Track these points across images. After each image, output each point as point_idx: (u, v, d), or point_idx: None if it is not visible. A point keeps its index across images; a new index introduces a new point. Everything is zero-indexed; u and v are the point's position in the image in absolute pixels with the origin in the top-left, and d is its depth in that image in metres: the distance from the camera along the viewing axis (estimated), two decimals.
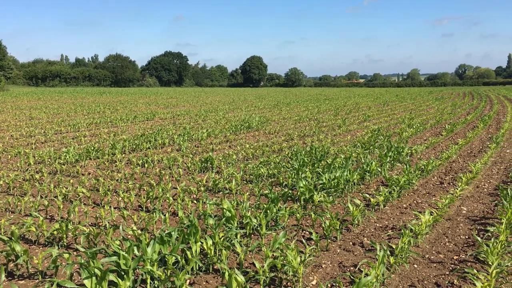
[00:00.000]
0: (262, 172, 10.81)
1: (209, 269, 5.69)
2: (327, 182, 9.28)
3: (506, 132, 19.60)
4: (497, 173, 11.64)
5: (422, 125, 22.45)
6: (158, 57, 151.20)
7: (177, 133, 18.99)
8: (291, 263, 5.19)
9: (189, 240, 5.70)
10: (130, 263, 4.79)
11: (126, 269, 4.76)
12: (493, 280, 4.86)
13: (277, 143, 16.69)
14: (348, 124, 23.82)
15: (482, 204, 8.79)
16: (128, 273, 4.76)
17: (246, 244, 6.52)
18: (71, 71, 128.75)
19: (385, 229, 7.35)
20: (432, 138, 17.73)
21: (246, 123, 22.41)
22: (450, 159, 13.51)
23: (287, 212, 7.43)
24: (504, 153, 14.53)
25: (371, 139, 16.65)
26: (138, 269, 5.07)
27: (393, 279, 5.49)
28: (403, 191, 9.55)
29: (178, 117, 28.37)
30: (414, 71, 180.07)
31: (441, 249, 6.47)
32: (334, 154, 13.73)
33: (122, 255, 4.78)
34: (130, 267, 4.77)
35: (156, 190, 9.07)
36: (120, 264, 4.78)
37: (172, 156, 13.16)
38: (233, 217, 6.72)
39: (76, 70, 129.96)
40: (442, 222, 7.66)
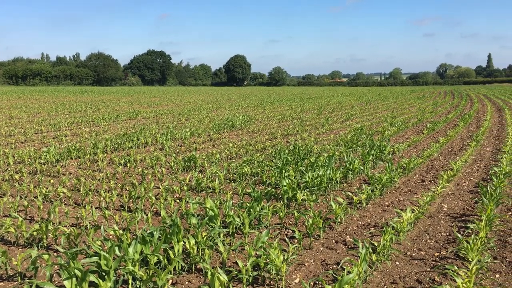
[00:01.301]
0: (245, 171, 10.79)
1: (192, 268, 5.66)
2: (310, 180, 9.31)
3: (486, 131, 19.92)
4: (477, 170, 11.81)
5: (404, 123, 22.69)
6: (141, 56, 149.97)
7: (160, 132, 18.86)
8: (274, 262, 5.19)
9: (172, 240, 5.66)
10: (111, 263, 4.73)
11: (107, 269, 4.71)
12: (473, 276, 4.92)
13: (261, 142, 16.70)
14: (331, 123, 23.94)
15: (463, 202, 8.91)
16: (109, 273, 4.71)
17: (229, 243, 6.51)
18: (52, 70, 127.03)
19: (367, 227, 7.40)
20: (414, 137, 17.93)
21: (229, 122, 22.37)
22: (432, 157, 13.67)
23: (270, 210, 7.43)
24: (484, 151, 14.75)
25: (354, 137, 16.76)
26: (120, 270, 5.02)
27: (375, 277, 5.53)
28: (385, 189, 9.63)
29: (161, 116, 28.19)
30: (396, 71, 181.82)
31: (422, 246, 6.54)
32: (317, 153, 13.78)
33: (103, 256, 4.72)
34: (111, 267, 4.72)
35: (139, 190, 8.99)
36: (101, 264, 4.72)
37: (155, 156, 13.06)
38: (216, 216, 6.69)
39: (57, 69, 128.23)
40: (424, 219, 7.74)
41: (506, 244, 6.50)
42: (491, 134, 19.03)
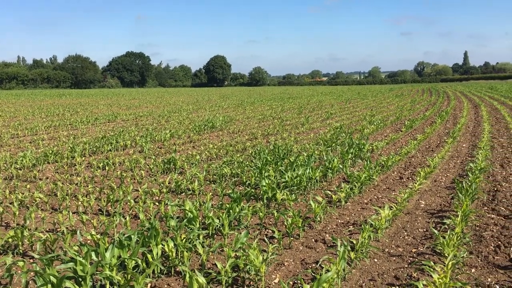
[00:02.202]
0: (225, 172, 10.77)
1: (171, 271, 5.63)
2: (289, 180, 9.34)
3: (463, 127, 20.27)
4: (454, 167, 12.00)
5: (382, 121, 22.93)
6: (120, 58, 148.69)
7: (140, 135, 18.70)
8: (253, 262, 5.19)
9: (150, 243, 5.62)
10: (87, 268, 4.67)
11: (84, 275, 4.65)
12: (449, 271, 5.00)
13: (241, 142, 16.69)
14: (311, 122, 24.06)
15: (440, 198, 9.05)
16: (86, 279, 4.65)
17: (209, 244, 6.49)
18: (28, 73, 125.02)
19: (346, 225, 7.46)
20: (392, 134, 18.14)
21: (210, 123, 22.30)
22: (409, 154, 13.85)
23: (250, 211, 7.43)
24: (460, 148, 15.01)
25: (333, 136, 16.87)
26: (97, 275, 4.95)
27: (354, 274, 5.57)
28: (364, 187, 9.72)
29: (140, 118, 27.96)
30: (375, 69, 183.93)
31: (400, 243, 6.61)
32: (297, 152, 13.83)
33: (79, 261, 4.66)
34: (87, 273, 4.66)
35: (117, 193, 8.89)
36: (77, 270, 4.66)
37: (134, 158, 12.94)
38: (195, 218, 6.66)
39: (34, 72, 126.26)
40: (401, 216, 7.84)
41: (482, 239, 6.62)
42: (468, 131, 19.37)
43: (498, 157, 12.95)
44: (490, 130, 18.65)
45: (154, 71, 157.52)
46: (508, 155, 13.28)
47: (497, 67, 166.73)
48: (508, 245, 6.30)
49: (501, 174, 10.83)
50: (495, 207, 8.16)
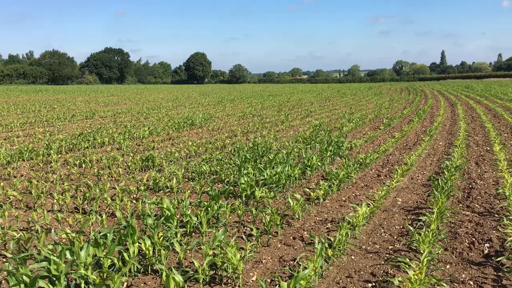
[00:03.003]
0: (204, 170, 10.72)
1: (147, 270, 5.57)
2: (268, 177, 9.35)
3: (439, 125, 20.59)
4: (430, 164, 12.18)
5: (361, 119, 23.13)
6: (98, 54, 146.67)
7: (118, 132, 18.47)
8: (230, 260, 5.17)
9: (127, 241, 5.55)
10: (61, 268, 4.59)
11: (58, 274, 4.56)
12: (424, 267, 5.07)
13: (220, 139, 16.64)
14: (291, 120, 24.14)
15: (416, 195, 9.17)
16: (60, 278, 4.56)
17: (187, 243, 6.43)
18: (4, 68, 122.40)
19: (324, 222, 7.50)
20: (371, 132, 18.31)
21: (189, 120, 22.18)
22: (387, 152, 14.00)
23: (228, 209, 7.41)
24: (437, 145, 15.24)
25: (312, 134, 16.95)
26: (72, 274, 4.87)
27: (331, 271, 5.60)
28: (342, 184, 9.79)
29: (119, 115, 27.63)
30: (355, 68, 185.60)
31: (377, 240, 6.68)
32: (276, 150, 13.86)
33: (53, 260, 4.58)
34: (62, 272, 4.57)
35: (94, 191, 8.76)
36: (51, 269, 4.57)
37: (112, 156, 12.78)
38: (172, 216, 6.61)
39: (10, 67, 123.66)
40: (379, 213, 7.92)
41: (456, 235, 6.73)
42: (444, 129, 19.69)
43: (474, 155, 13.19)
44: (466, 129, 18.98)
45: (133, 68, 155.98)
46: (483, 153, 13.54)
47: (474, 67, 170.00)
48: (482, 242, 6.42)
49: (476, 171, 11.03)
50: (470, 204, 8.31)
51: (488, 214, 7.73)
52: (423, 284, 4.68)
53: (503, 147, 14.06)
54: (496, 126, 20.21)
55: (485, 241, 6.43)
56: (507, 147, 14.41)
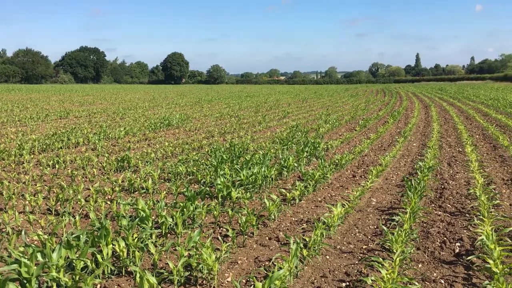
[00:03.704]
0: (180, 170, 10.67)
1: (121, 271, 5.51)
2: (245, 178, 9.36)
3: (414, 127, 20.94)
4: (404, 165, 12.38)
5: (338, 120, 23.35)
6: (73, 53, 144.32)
7: (93, 132, 18.22)
8: (206, 261, 5.16)
9: (100, 243, 5.48)
10: (32, 270, 4.50)
11: (29, 277, 4.48)
12: (396, 267, 5.15)
13: (197, 140, 16.58)
14: (268, 121, 24.20)
15: (390, 195, 9.30)
16: (31, 281, 4.48)
17: (162, 244, 6.39)
18: None
19: (300, 223, 7.55)
20: (347, 133, 18.50)
21: (166, 120, 22.02)
22: (363, 153, 14.17)
23: (204, 209, 7.39)
24: (411, 147, 15.50)
25: (289, 135, 17.03)
26: (43, 277, 4.78)
27: (306, 271, 5.65)
28: (318, 185, 9.86)
29: (94, 115, 27.25)
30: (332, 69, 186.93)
31: (351, 240, 6.76)
32: (253, 151, 13.88)
33: (24, 262, 4.49)
34: (32, 274, 4.49)
35: (67, 192, 8.62)
36: (21, 272, 4.48)
37: (86, 156, 12.60)
38: (147, 217, 6.55)
39: None
40: (353, 213, 8.01)
41: (428, 235, 6.85)
42: (418, 130, 20.03)
43: (446, 156, 13.46)
44: (439, 130, 19.35)
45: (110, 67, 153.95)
46: (456, 154, 13.83)
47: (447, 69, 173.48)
48: (453, 241, 6.56)
49: (448, 172, 11.26)
50: (442, 204, 8.48)
51: (460, 214, 7.90)
52: (396, 283, 4.76)
53: (474, 148, 14.38)
54: (468, 127, 20.66)
55: (456, 241, 6.57)
56: (478, 148, 14.76)
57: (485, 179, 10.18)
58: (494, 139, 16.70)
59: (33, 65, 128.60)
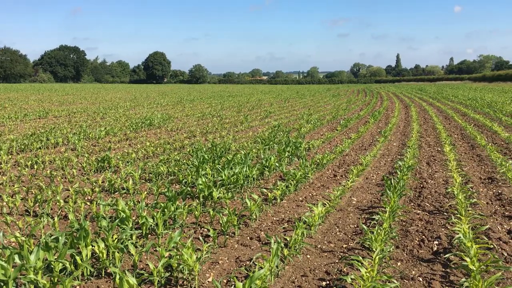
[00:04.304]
0: (162, 170, 10.61)
1: (101, 273, 5.46)
2: (226, 178, 9.36)
3: (394, 127, 21.19)
4: (385, 164, 12.52)
5: (319, 120, 23.49)
6: (53, 51, 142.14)
7: (73, 132, 17.99)
8: (186, 262, 5.15)
9: (79, 244, 5.42)
10: (10, 272, 4.44)
11: (5, 279, 4.41)
12: (376, 265, 5.21)
13: (179, 140, 16.50)
14: (250, 121, 24.22)
15: (370, 194, 9.40)
16: (8, 283, 4.41)
17: (143, 245, 6.35)
18: None
19: (281, 222, 7.58)
20: (328, 133, 18.63)
21: (147, 120, 21.86)
22: (344, 153, 14.29)
23: (185, 210, 7.36)
24: (391, 146, 15.68)
25: (271, 135, 17.07)
26: (21, 279, 4.72)
27: (287, 271, 5.67)
28: (299, 184, 9.91)
29: (74, 115, 26.90)
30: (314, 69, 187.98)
31: (332, 239, 6.81)
32: (235, 151, 13.87)
33: (1, 265, 4.42)
34: (10, 277, 4.42)
35: (46, 193, 8.50)
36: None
37: (66, 156, 12.44)
38: (128, 218, 6.50)
39: None
40: (334, 213, 8.07)
41: (407, 233, 6.95)
42: (398, 130, 20.28)
43: (425, 156, 13.65)
44: (418, 130, 19.62)
45: (90, 66, 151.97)
46: (434, 153, 14.04)
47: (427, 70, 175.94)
48: (431, 239, 6.66)
49: (427, 171, 11.42)
50: (421, 203, 8.60)
51: (438, 213, 8.03)
52: (375, 281, 4.81)
53: (453, 147, 14.62)
54: (447, 127, 20.99)
55: (434, 239, 6.67)
56: (456, 147, 15.00)
57: (463, 178, 10.37)
58: (472, 138, 17.00)
59: (11, 64, 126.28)
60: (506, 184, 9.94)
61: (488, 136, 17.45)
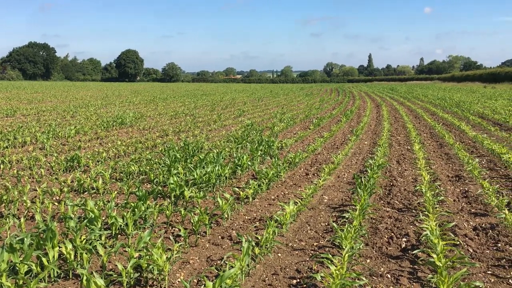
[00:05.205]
0: (133, 170, 10.48)
1: (68, 275, 5.36)
2: (198, 177, 9.30)
3: (365, 126, 21.48)
4: (356, 163, 12.68)
5: (292, 119, 23.61)
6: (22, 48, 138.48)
7: (41, 131, 17.59)
8: (156, 262, 5.10)
9: (46, 246, 5.30)
10: None
11: None
12: (345, 263, 5.27)
13: (151, 139, 16.33)
14: (223, 119, 24.16)
15: (342, 193, 9.51)
16: None
17: (112, 245, 6.26)
18: None
19: (253, 221, 7.59)
20: (301, 132, 18.74)
21: (119, 119, 21.55)
22: (316, 151, 14.40)
23: (156, 209, 7.29)
24: (362, 145, 15.89)
25: (244, 133, 17.06)
26: None
27: (258, 269, 5.68)
28: (272, 183, 9.94)
29: (43, 113, 26.31)
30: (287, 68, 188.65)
31: (303, 237, 6.85)
32: (207, 149, 13.82)
33: None
34: None
35: (12, 193, 8.27)
36: None
37: (34, 156, 12.15)
38: (96, 218, 6.39)
39: None
40: (306, 211, 8.13)
41: (377, 231, 7.06)
42: (370, 129, 20.57)
43: (395, 154, 13.89)
44: (389, 129, 19.94)
45: (60, 64, 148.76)
46: (404, 152, 14.30)
47: (398, 70, 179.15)
48: (400, 236, 6.78)
49: (397, 169, 11.62)
50: (390, 201, 8.74)
51: (407, 210, 8.18)
52: (344, 278, 4.87)
53: (422, 146, 14.92)
54: (416, 126, 21.40)
55: (403, 236, 6.79)
56: (426, 146, 15.32)
57: (431, 176, 10.59)
58: (440, 137, 17.38)
59: None
60: (473, 181, 10.20)
61: (456, 135, 17.88)
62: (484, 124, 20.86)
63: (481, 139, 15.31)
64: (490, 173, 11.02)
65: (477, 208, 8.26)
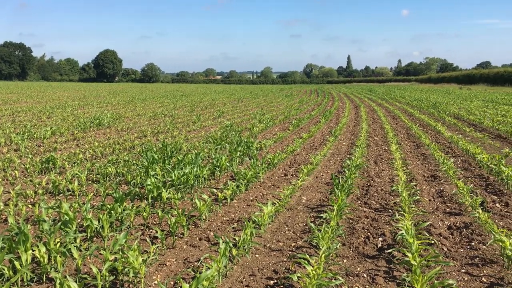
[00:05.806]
0: (110, 171, 10.36)
1: (42, 278, 5.26)
2: (176, 178, 9.24)
3: (344, 126, 21.66)
4: (334, 163, 12.77)
5: (272, 120, 23.65)
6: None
7: (16, 132, 17.25)
8: (132, 264, 5.04)
9: (18, 249, 5.20)
10: None
11: None
12: (322, 263, 5.30)
13: (129, 140, 16.17)
14: (203, 120, 24.07)
15: (320, 193, 9.56)
16: None
17: (87, 248, 6.17)
18: None
19: (231, 222, 7.57)
20: (280, 133, 18.78)
21: (96, 120, 21.27)
22: (295, 152, 14.46)
23: (133, 211, 7.21)
24: (341, 146, 16.01)
25: (223, 134, 17.03)
26: None
27: (235, 270, 5.67)
28: (250, 184, 9.94)
29: (18, 114, 25.81)
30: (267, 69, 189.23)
31: (281, 238, 6.87)
32: (186, 151, 13.74)
33: None
34: None
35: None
36: None
37: (8, 157, 11.91)
38: (71, 220, 6.29)
39: None
40: (284, 212, 8.15)
41: (354, 231, 7.12)
42: (348, 130, 20.74)
43: (373, 155, 14.04)
44: (367, 130, 20.14)
45: (37, 64, 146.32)
46: (382, 152, 14.46)
47: (376, 71, 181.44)
48: (376, 236, 6.85)
49: (374, 170, 11.75)
50: (367, 201, 8.83)
51: (383, 210, 8.27)
52: (320, 278, 4.89)
53: (399, 147, 15.11)
54: (394, 127, 21.68)
55: (379, 235, 6.87)
56: (402, 146, 15.52)
57: (408, 176, 10.73)
58: (417, 138, 17.64)
59: None
60: (448, 181, 10.38)
61: (432, 136, 18.17)
62: (460, 124, 21.25)
63: (457, 140, 15.59)
64: (465, 173, 11.23)
65: (452, 207, 8.41)
